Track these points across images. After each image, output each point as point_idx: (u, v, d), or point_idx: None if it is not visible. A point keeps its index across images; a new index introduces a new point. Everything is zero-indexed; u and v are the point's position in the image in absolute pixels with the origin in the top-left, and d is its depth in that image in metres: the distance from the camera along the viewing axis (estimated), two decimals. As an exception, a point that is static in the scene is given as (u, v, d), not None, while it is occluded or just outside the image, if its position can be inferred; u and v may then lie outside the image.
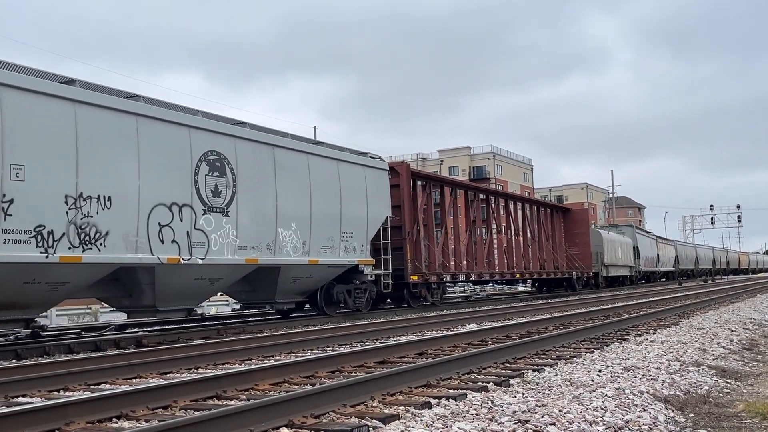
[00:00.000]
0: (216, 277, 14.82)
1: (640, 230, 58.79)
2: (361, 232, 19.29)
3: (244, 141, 15.58)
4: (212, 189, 14.49)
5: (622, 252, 45.98)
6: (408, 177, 23.26)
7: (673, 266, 65.32)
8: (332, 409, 5.57)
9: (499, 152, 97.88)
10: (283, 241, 16.36)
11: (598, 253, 39.99)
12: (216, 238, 14.48)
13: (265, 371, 7.53)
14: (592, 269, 38.81)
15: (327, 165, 18.30)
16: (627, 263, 47.24)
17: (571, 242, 37.98)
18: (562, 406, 5.71)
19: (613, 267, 43.31)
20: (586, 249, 38.11)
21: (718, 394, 6.79)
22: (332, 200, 18.27)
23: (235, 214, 15.00)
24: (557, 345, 10.24)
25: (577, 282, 36.94)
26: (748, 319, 15.42)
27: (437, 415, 5.40)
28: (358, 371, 8.13)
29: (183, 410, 6.04)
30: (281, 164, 16.52)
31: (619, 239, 46.01)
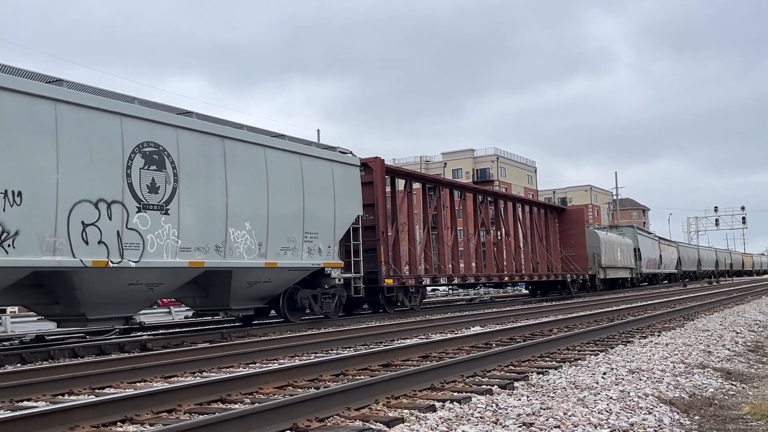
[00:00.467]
0: (154, 281, 13.42)
1: (642, 231, 56.89)
2: (327, 232, 17.86)
3: (189, 132, 14.13)
4: (148, 184, 13.10)
5: (622, 253, 44.57)
6: (382, 173, 21.75)
7: (676, 268, 64.00)
8: (337, 412, 5.57)
9: (502, 154, 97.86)
10: (234, 242, 14.96)
11: (595, 254, 38.56)
12: (153, 239, 13.14)
13: (269, 374, 7.53)
14: (588, 271, 37.41)
15: (287, 159, 16.77)
16: (627, 265, 45.81)
17: (567, 243, 36.62)
18: (567, 408, 5.71)
19: (611, 269, 41.94)
20: (582, 250, 36.70)
21: (724, 397, 6.77)
22: (293, 197, 16.78)
23: (176, 212, 13.61)
24: (561, 348, 10.23)
25: (572, 285, 35.50)
26: (753, 321, 15.37)
27: (442, 418, 5.39)
28: (363, 374, 8.13)
29: (187, 414, 6.05)
30: (233, 158, 15.12)
31: (618, 240, 44.62)
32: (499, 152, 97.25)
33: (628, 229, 52.11)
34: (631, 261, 46.89)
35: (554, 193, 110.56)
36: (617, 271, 43.35)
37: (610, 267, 41.48)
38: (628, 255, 46.21)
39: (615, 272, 42.82)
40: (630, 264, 46.63)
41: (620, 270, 44.10)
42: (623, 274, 45.06)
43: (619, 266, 43.82)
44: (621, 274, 44.43)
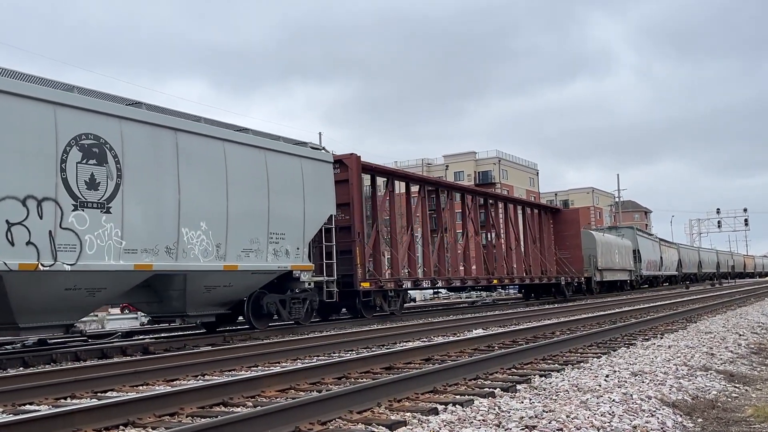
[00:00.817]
0: (96, 286, 12.28)
1: (642, 232, 55.26)
2: (296, 232, 16.64)
3: (135, 123, 13.01)
4: (87, 180, 11.96)
5: (620, 255, 43.32)
6: (358, 171, 20.58)
7: (677, 270, 62.86)
8: (339, 415, 5.57)
9: (504, 157, 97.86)
10: (188, 243, 13.79)
11: (591, 256, 37.30)
12: (92, 240, 11.99)
13: (271, 378, 7.53)
14: (584, 274, 36.21)
15: (250, 154, 15.61)
16: (625, 267, 44.50)
17: (562, 245, 35.50)
18: (570, 411, 5.70)
19: (609, 271, 40.58)
20: (577, 252, 35.43)
21: (727, 399, 6.75)
22: (257, 196, 15.61)
23: (119, 210, 12.48)
24: (564, 350, 10.21)
25: (567, 288, 34.35)
26: (756, 323, 15.34)
27: (444, 421, 5.39)
28: (365, 377, 8.13)
29: (190, 417, 6.05)
30: (187, 152, 13.92)
31: (616, 242, 43.42)
32: (501, 155, 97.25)
33: (628, 231, 50.70)
34: (630, 263, 45.69)
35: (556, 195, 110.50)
36: (615, 273, 42.07)
37: (607, 269, 40.22)
38: (627, 257, 45.05)
39: (612, 274, 41.59)
40: (629, 266, 45.40)
41: (618, 272, 42.86)
42: (622, 276, 43.85)
43: (617, 268, 42.52)
44: (619, 276, 43.23)
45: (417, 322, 18.60)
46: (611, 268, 41.02)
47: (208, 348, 12.91)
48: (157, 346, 13.66)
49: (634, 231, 50.62)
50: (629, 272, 45.38)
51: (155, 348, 13.41)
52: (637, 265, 47.65)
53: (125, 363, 10.30)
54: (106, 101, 12.79)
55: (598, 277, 38.42)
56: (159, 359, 10.65)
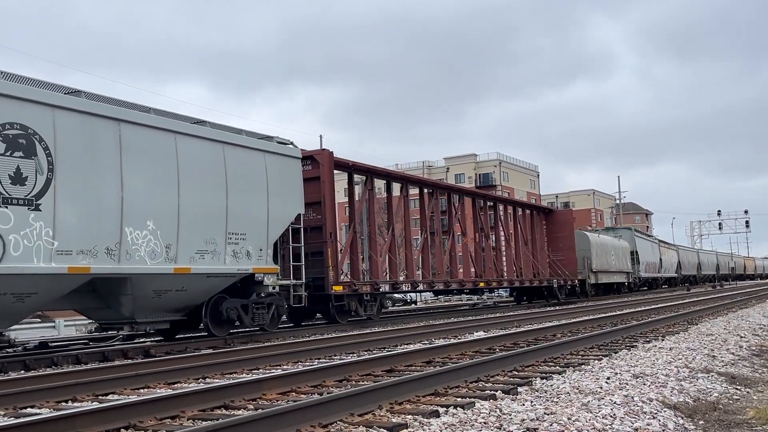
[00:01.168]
0: (24, 291, 11.15)
1: (640, 233, 53.81)
2: (258, 233, 15.44)
3: (70, 113, 11.85)
4: (11, 174, 10.86)
5: (617, 257, 41.82)
6: (330, 167, 19.29)
7: (676, 272, 61.65)
8: (340, 418, 5.57)
9: (505, 159, 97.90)
10: (133, 243, 12.66)
11: (586, 258, 35.93)
12: (18, 240, 10.86)
13: (272, 380, 7.53)
14: (578, 276, 34.96)
15: (206, 148, 14.41)
16: (622, 269, 43.02)
17: (555, 247, 34.32)
18: (571, 413, 5.70)
19: (604, 273, 39.02)
20: (571, 254, 34.22)
21: (728, 401, 6.75)
22: (214, 193, 14.43)
23: (51, 207, 11.33)
24: (565, 352, 10.21)
25: (560, 290, 32.90)
26: (757, 325, 15.34)
27: (445, 424, 5.39)
28: (366, 380, 8.12)
29: (191, 420, 6.05)
30: (131, 145, 12.79)
31: (612, 243, 42.03)
32: (501, 157, 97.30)
33: (626, 232, 49.07)
34: (627, 265, 44.24)
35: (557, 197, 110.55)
36: (611, 275, 40.60)
37: (603, 271, 38.78)
38: (624, 258, 43.69)
39: (608, 277, 40.05)
40: (626, 268, 44.00)
41: (615, 274, 41.41)
42: (618, 278, 42.35)
43: (613, 270, 41.03)
44: (616, 278, 41.75)
45: (418, 325, 18.57)
46: (607, 270, 39.63)
47: (209, 351, 12.90)
48: (158, 348, 13.66)
49: (632, 232, 49.12)
50: (627, 274, 44.09)
51: (156, 351, 13.41)
52: (635, 267, 46.34)
53: (126, 366, 10.30)
54: (36, 89, 11.70)
55: (593, 279, 37.08)
56: (160, 362, 10.64)
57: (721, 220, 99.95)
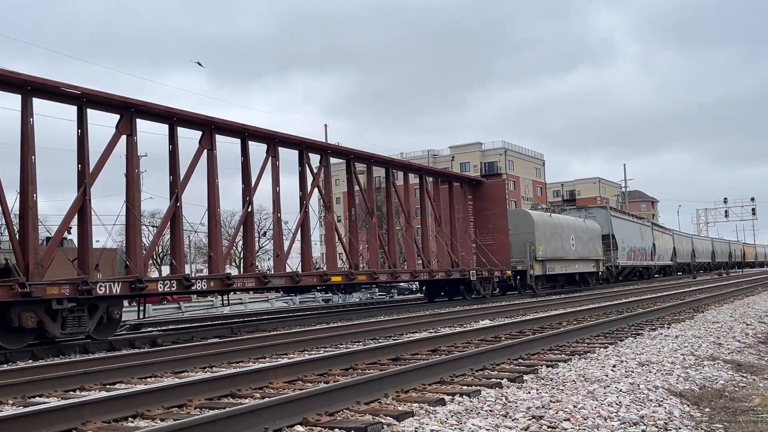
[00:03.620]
0: None
1: (619, 213, 45.08)
2: None
3: None
4: None
5: (580, 241, 33.95)
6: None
7: (671, 259, 55.34)
8: (346, 406, 5.59)
9: (510, 147, 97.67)
10: None
11: (528, 243, 28.64)
12: None
13: (279, 369, 7.56)
14: (518, 266, 28.13)
15: None
16: (589, 256, 35.00)
17: (484, 228, 27.40)
18: (577, 401, 5.70)
19: (558, 262, 31.24)
20: (503, 237, 27.30)
21: (734, 389, 6.75)
22: None
23: None
24: (571, 340, 10.22)
25: (484, 285, 26.16)
26: (763, 313, 15.32)
27: (451, 412, 5.40)
28: (372, 368, 8.15)
29: (198, 409, 6.08)
30: None
31: (571, 224, 34.00)
32: (507, 145, 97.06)
33: (599, 211, 41.30)
34: (597, 251, 36.42)
35: (563, 186, 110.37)
36: (569, 264, 32.66)
37: (555, 259, 30.93)
38: (592, 243, 35.80)
39: (566, 266, 32.25)
40: (595, 254, 36.09)
41: (577, 263, 33.48)
42: (583, 268, 34.42)
43: (573, 258, 33.02)
44: (579, 268, 33.87)
45: (424, 313, 18.56)
46: (563, 257, 31.77)
47: (215, 340, 12.96)
48: (164, 338, 13.72)
49: (608, 211, 41.09)
50: (596, 262, 36.25)
51: (163, 340, 13.48)
52: (612, 254, 38.86)
53: (133, 355, 10.36)
54: None
55: (539, 270, 29.42)
56: (167, 351, 10.70)
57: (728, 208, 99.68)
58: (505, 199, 28.66)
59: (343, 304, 28.50)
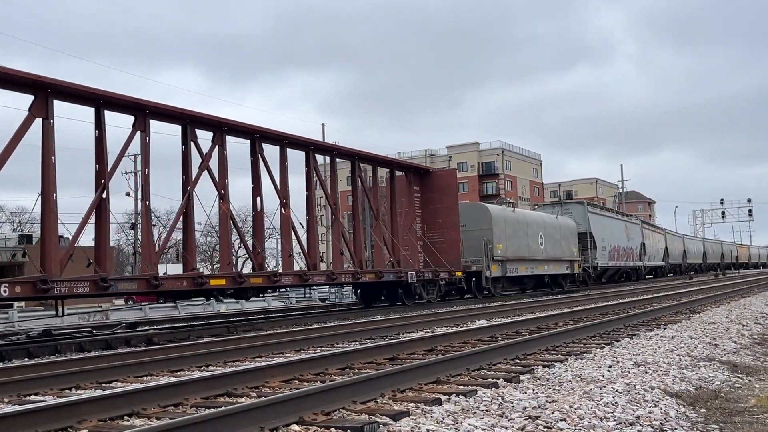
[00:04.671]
0: None
1: (600, 209, 41.52)
2: None
3: None
4: None
5: (550, 239, 31.01)
6: None
7: (663, 260, 52.77)
8: (342, 406, 5.59)
9: (507, 147, 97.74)
10: None
11: (486, 240, 25.94)
12: None
13: (275, 368, 7.55)
14: (469, 266, 25.40)
15: None
16: (561, 256, 31.99)
17: (432, 224, 24.64)
18: (573, 401, 5.71)
19: (522, 262, 28.45)
20: (453, 234, 24.46)
21: (730, 389, 6.76)
22: None
23: None
24: (567, 341, 10.23)
25: (428, 288, 23.47)
26: (759, 314, 15.35)
27: (447, 412, 5.40)
28: (368, 368, 8.15)
29: (194, 408, 6.07)
30: None
31: (539, 220, 31.14)
32: (504, 145, 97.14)
33: (576, 207, 37.36)
34: (571, 250, 33.29)
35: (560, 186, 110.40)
36: (536, 265, 29.81)
37: (518, 260, 28.19)
38: (566, 242, 32.73)
39: (531, 267, 29.38)
40: (569, 255, 32.98)
41: (545, 264, 30.57)
42: (554, 269, 31.35)
43: (542, 258, 30.20)
44: (549, 269, 30.87)
45: (420, 313, 18.56)
46: (528, 257, 28.99)
47: (211, 339, 12.95)
48: (161, 337, 13.71)
49: (585, 207, 37.30)
50: (570, 263, 33.13)
51: (159, 339, 13.47)
52: (590, 254, 35.54)
53: (129, 354, 10.35)
54: None
55: (498, 271, 26.63)
56: (163, 350, 10.68)
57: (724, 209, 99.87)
58: (456, 191, 25.47)
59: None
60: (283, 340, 11.35)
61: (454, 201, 24.94)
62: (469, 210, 26.90)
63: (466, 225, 25.45)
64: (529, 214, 32.15)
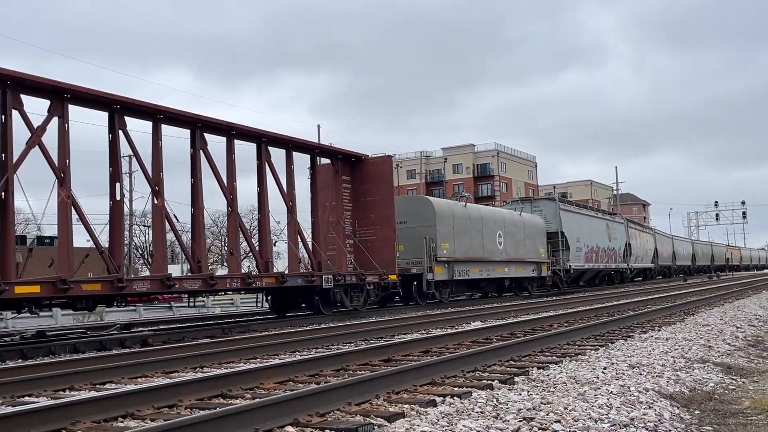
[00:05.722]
0: None
1: (575, 206, 37.27)
2: None
3: None
4: None
5: (510, 239, 27.71)
6: None
7: (652, 262, 50.27)
8: (337, 407, 5.58)
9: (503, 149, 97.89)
10: None
11: (428, 238, 22.75)
12: None
13: (270, 370, 7.55)
14: (408, 268, 22.50)
15: None
16: (524, 257, 28.81)
17: (364, 219, 21.06)
18: (567, 403, 5.72)
19: (475, 264, 25.26)
20: (387, 231, 20.85)
21: (724, 391, 6.78)
22: None
23: None
24: (562, 342, 10.24)
25: (353, 294, 19.63)
26: (753, 316, 15.39)
27: (442, 413, 5.41)
28: (363, 369, 8.14)
29: (188, 409, 6.06)
30: None
31: (499, 218, 27.82)
32: (499, 147, 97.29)
33: (547, 204, 33.95)
34: (537, 251, 30.09)
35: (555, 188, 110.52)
36: (493, 267, 26.48)
37: (470, 261, 24.98)
38: (531, 242, 29.58)
39: (487, 269, 26.02)
40: (535, 256, 29.85)
41: (505, 266, 27.31)
42: (516, 272, 28.11)
43: (500, 259, 26.93)
44: (508, 272, 27.61)
45: (415, 314, 18.58)
46: (483, 258, 25.81)
47: (206, 340, 12.92)
48: (155, 338, 13.68)
49: (557, 204, 33.73)
50: (536, 265, 30.03)
51: (154, 340, 13.44)
52: (562, 255, 32.11)
53: (124, 355, 10.32)
54: None
55: (442, 274, 23.39)
56: (158, 351, 10.66)
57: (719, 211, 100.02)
58: (391, 181, 21.55)
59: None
60: (278, 342, 11.34)
61: (389, 192, 21.27)
62: (410, 204, 24.29)
63: (407, 221, 22.88)
64: (485, 210, 28.84)
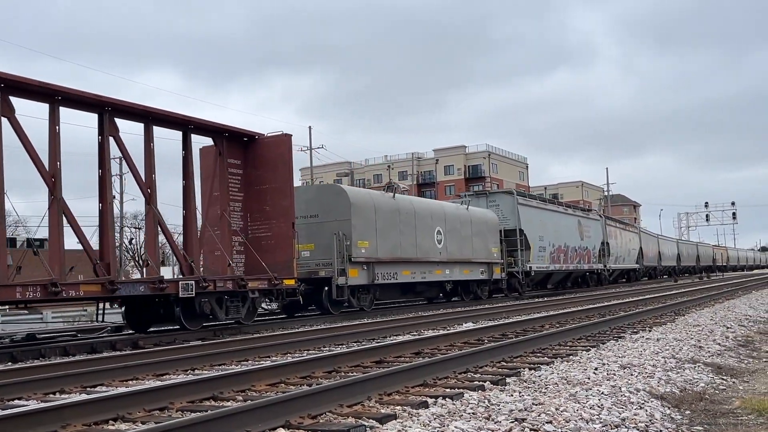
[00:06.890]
0: None
1: (537, 201, 32.95)
2: None
3: None
4: None
5: (453, 236, 24.22)
6: None
7: (637, 262, 48.58)
8: (329, 409, 5.57)
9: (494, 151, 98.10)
10: None
11: (340, 234, 19.25)
12: None
13: (261, 372, 7.53)
14: (317, 270, 19.22)
15: None
16: (472, 257, 25.33)
17: (258, 212, 17.08)
18: (559, 404, 5.73)
19: (404, 265, 21.64)
20: (283, 226, 16.80)
21: (714, 391, 6.81)
22: None
23: None
24: (553, 343, 10.26)
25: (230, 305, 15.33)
26: (743, 316, 15.47)
27: (434, 415, 5.41)
28: (355, 371, 8.13)
29: (180, 412, 6.04)
30: None
31: (438, 212, 24.13)
32: (490, 148, 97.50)
33: (504, 198, 30.14)
34: (489, 251, 26.67)
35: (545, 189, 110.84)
36: (429, 269, 22.94)
37: (395, 261, 21.30)
38: (481, 240, 26.11)
39: (421, 271, 22.46)
40: (485, 256, 26.37)
41: (445, 267, 23.86)
42: (460, 274, 24.60)
43: (439, 260, 23.41)
44: (449, 274, 24.09)
45: (407, 316, 18.58)
46: (413, 259, 22.12)
47: (198, 342, 12.88)
48: (146, 340, 13.62)
49: (515, 198, 30.01)
50: (489, 266, 26.73)
51: (145, 342, 13.38)
52: (520, 255, 28.73)
53: (114, 358, 10.28)
54: None
55: (359, 277, 19.79)
56: (148, 354, 10.62)
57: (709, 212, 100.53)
58: (290, 164, 17.25)
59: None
60: (270, 344, 11.32)
61: (286, 177, 17.08)
62: (322, 194, 20.49)
63: (318, 215, 19.68)
64: (420, 202, 24.79)
